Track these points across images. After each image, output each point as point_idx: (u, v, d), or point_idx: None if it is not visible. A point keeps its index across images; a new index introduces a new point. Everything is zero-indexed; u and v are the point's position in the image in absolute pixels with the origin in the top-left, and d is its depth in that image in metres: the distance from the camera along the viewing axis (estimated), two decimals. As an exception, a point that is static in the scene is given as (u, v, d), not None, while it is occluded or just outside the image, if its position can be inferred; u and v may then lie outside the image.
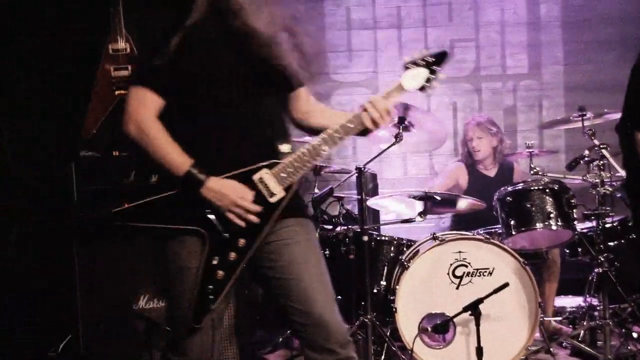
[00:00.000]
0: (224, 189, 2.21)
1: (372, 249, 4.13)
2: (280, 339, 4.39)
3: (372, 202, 4.35)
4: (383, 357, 3.90)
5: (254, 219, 2.24)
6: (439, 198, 4.27)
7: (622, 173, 3.71)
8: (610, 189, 4.05)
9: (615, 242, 4.20)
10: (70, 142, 4.21)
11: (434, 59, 2.35)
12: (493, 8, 5.82)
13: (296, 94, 2.48)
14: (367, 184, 4.55)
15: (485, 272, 3.80)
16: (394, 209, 4.53)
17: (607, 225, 4.15)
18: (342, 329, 2.30)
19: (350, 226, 4.45)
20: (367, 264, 3.96)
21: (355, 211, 4.58)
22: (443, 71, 2.36)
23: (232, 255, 2.25)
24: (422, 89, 2.36)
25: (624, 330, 3.95)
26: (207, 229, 2.24)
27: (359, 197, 4.29)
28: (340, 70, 5.79)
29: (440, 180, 5.09)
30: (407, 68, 2.35)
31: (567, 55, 5.79)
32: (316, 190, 4.72)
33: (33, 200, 4.29)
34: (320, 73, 2.51)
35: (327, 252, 4.41)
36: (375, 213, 4.85)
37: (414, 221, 4.28)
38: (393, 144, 4.41)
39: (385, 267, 4.16)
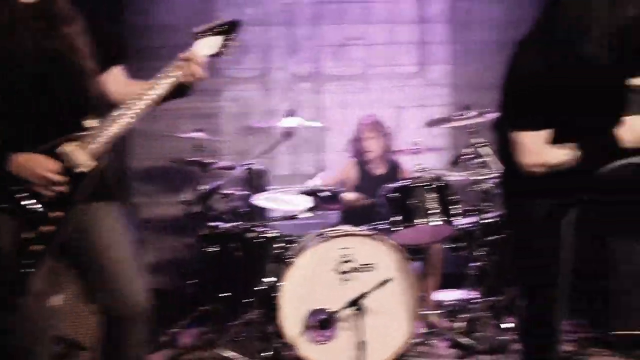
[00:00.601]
0: (29, 163, 2.28)
1: (258, 246, 4.13)
2: (165, 338, 4.30)
3: (260, 199, 4.34)
4: (268, 354, 3.88)
5: (62, 189, 2.30)
6: (327, 194, 4.31)
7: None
8: (490, 186, 4.21)
9: (494, 237, 4.34)
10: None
11: (225, 27, 2.49)
12: (383, 7, 5.90)
13: (108, 75, 2.55)
14: (255, 180, 4.55)
15: (370, 267, 3.85)
16: (282, 205, 4.53)
17: (487, 221, 4.32)
18: (148, 301, 2.42)
19: (237, 223, 4.43)
20: (253, 260, 3.95)
21: (243, 208, 4.55)
22: (235, 38, 2.51)
23: (47, 228, 2.30)
24: (216, 54, 2.48)
25: (499, 321, 4.11)
26: (17, 205, 2.28)
27: (247, 193, 4.28)
28: (231, 66, 5.74)
29: (331, 176, 5.13)
30: (199, 37, 2.47)
31: (454, 55, 5.94)
32: (203, 186, 4.67)
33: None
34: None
35: (214, 249, 4.38)
36: (263, 210, 4.83)
37: (302, 217, 4.30)
38: (282, 140, 4.44)
39: (272, 264, 4.15)
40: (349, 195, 4.58)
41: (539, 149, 2.51)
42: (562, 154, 2.50)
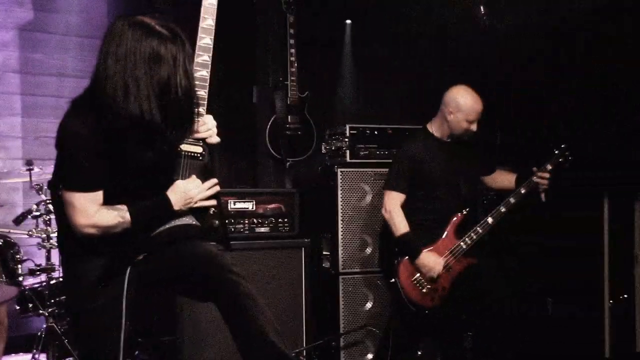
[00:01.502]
0: None
1: None
2: None
3: None
4: None
5: None
6: None
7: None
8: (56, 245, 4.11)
9: (63, 297, 4.23)
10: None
11: None
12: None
13: None
14: None
15: None
16: None
17: (55, 281, 4.21)
18: None
19: None
20: None
21: None
22: None
23: None
24: None
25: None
26: None
27: None
28: None
29: None
30: None
31: (24, 107, 5.71)
32: None
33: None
34: None
35: None
36: None
37: None
38: None
39: None
40: None
41: (89, 210, 2.50)
42: (114, 216, 2.54)
